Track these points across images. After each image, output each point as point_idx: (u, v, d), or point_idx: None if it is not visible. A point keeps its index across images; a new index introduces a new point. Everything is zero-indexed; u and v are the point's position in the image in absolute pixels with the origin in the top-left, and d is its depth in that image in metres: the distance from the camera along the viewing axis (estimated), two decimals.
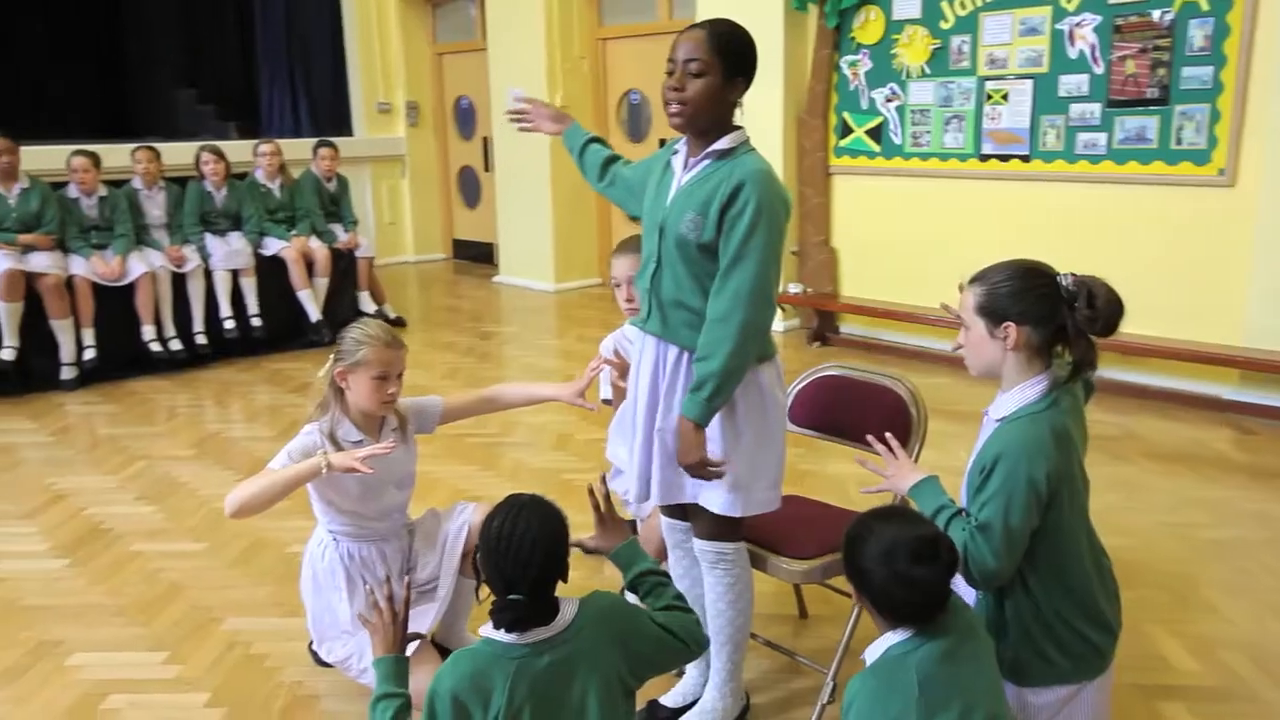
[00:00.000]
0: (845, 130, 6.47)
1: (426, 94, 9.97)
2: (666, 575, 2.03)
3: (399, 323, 7.14)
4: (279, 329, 6.36)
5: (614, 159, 2.55)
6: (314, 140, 7.10)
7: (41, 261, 5.48)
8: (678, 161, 2.24)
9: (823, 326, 6.50)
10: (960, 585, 1.99)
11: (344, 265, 6.73)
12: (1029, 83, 5.54)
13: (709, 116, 2.13)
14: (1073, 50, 5.35)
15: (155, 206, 6.08)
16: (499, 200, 9.02)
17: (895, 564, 1.67)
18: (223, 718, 2.55)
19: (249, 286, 6.27)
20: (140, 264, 5.80)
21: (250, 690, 2.66)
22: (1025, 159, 5.63)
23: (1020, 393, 1.96)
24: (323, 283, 6.56)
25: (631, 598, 2.03)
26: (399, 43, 9.74)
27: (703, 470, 2.15)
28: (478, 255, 9.95)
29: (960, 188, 5.94)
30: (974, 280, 2.00)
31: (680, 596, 2.00)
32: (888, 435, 2.14)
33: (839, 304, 6.41)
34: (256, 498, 2.34)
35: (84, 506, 3.92)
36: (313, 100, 9.69)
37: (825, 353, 6.24)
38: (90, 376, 5.64)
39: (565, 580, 1.80)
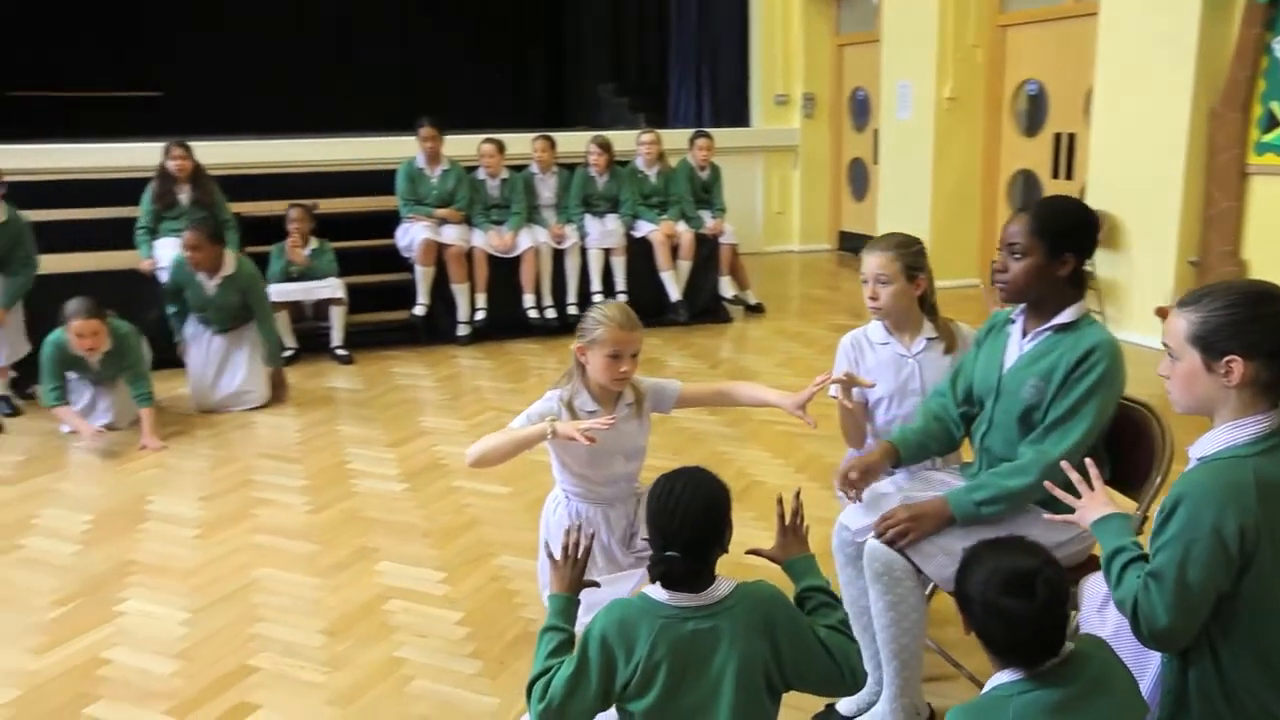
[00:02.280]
0: (1271, 123, 5.55)
1: (825, 86, 10.05)
2: (836, 598, 2.02)
3: (757, 309, 7.36)
4: (642, 305, 6.67)
5: (938, 416, 2.48)
6: (691, 130, 7.50)
7: (450, 233, 6.42)
8: (1015, 330, 2.33)
9: None
10: (1130, 644, 1.77)
11: (708, 250, 7.06)
12: None
13: (1035, 292, 2.23)
14: None
15: (547, 189, 6.85)
16: (880, 193, 8.90)
17: (989, 593, 1.57)
18: (465, 635, 2.93)
19: (619, 265, 6.83)
20: (528, 239, 6.58)
21: (494, 618, 3.02)
22: None
23: (1228, 431, 1.68)
24: (685, 265, 6.95)
25: None
26: (800, 36, 9.92)
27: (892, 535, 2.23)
28: (861, 247, 9.87)
29: None
30: (1186, 304, 1.73)
31: (846, 623, 1.97)
32: (1088, 463, 1.93)
33: None
34: (492, 451, 2.64)
35: (435, 443, 4.60)
36: (715, 93, 10.20)
37: None
38: (480, 335, 6.53)
39: (725, 550, 1.88)
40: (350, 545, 3.55)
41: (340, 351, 6.12)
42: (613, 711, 1.96)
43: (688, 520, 1.83)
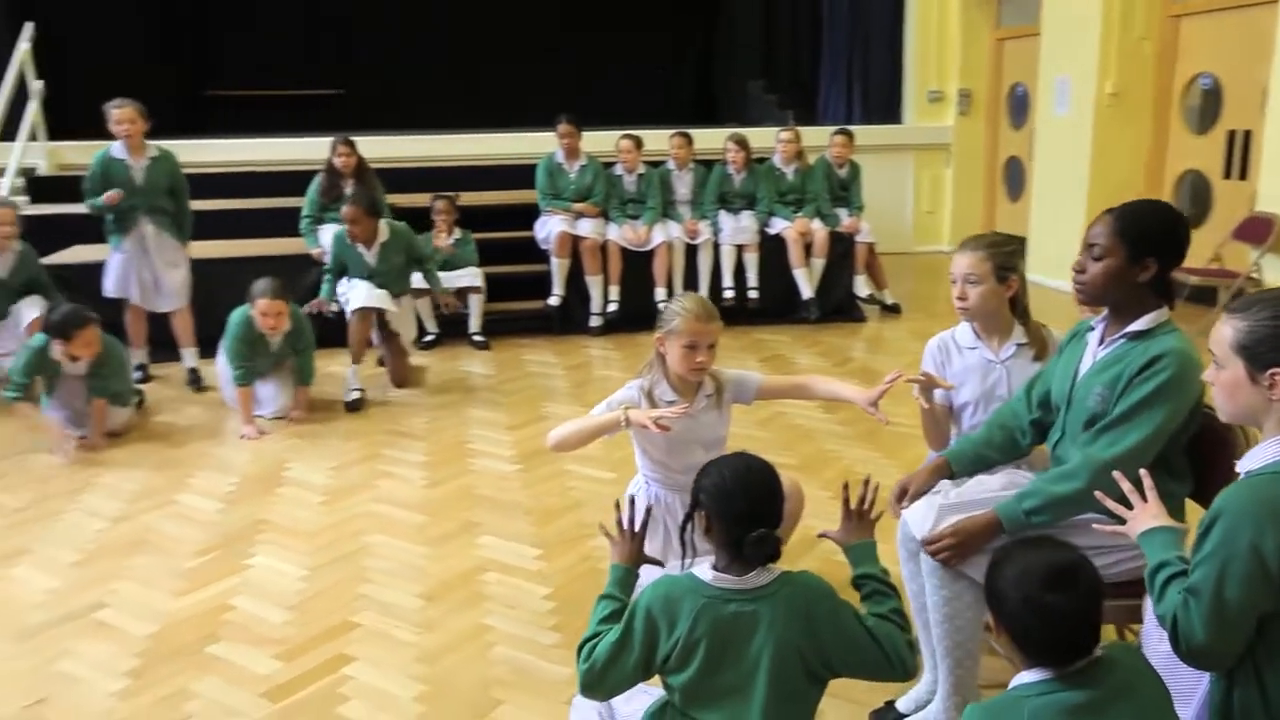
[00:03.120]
0: None
1: (982, 81, 9.72)
2: (891, 586, 2.04)
3: (894, 309, 7.23)
4: (773, 302, 6.87)
5: (1003, 424, 2.47)
6: (832, 128, 7.43)
7: (586, 227, 6.62)
8: (1093, 337, 2.28)
9: None
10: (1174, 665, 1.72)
11: (844, 248, 6.99)
12: None
13: (1112, 296, 2.17)
14: None
15: (683, 185, 6.95)
16: (1034, 193, 8.55)
17: (1028, 589, 1.54)
18: (550, 609, 3.08)
19: (751, 261, 6.86)
20: (661, 234, 6.70)
21: (580, 595, 3.15)
22: None
23: (1273, 446, 1.63)
24: (819, 263, 6.91)
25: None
26: (958, 30, 9.63)
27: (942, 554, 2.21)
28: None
29: None
30: (1235, 310, 1.67)
31: (899, 612, 2.00)
32: (1142, 473, 1.88)
33: None
34: (570, 436, 2.78)
35: (553, 429, 4.77)
36: (867, 89, 10.04)
37: None
38: (611, 326, 6.70)
39: (774, 526, 1.94)
40: (458, 519, 3.77)
41: (477, 338, 6.42)
42: (659, 686, 2.05)
43: (773, 499, 1.92)
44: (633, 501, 2.25)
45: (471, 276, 6.36)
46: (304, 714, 2.58)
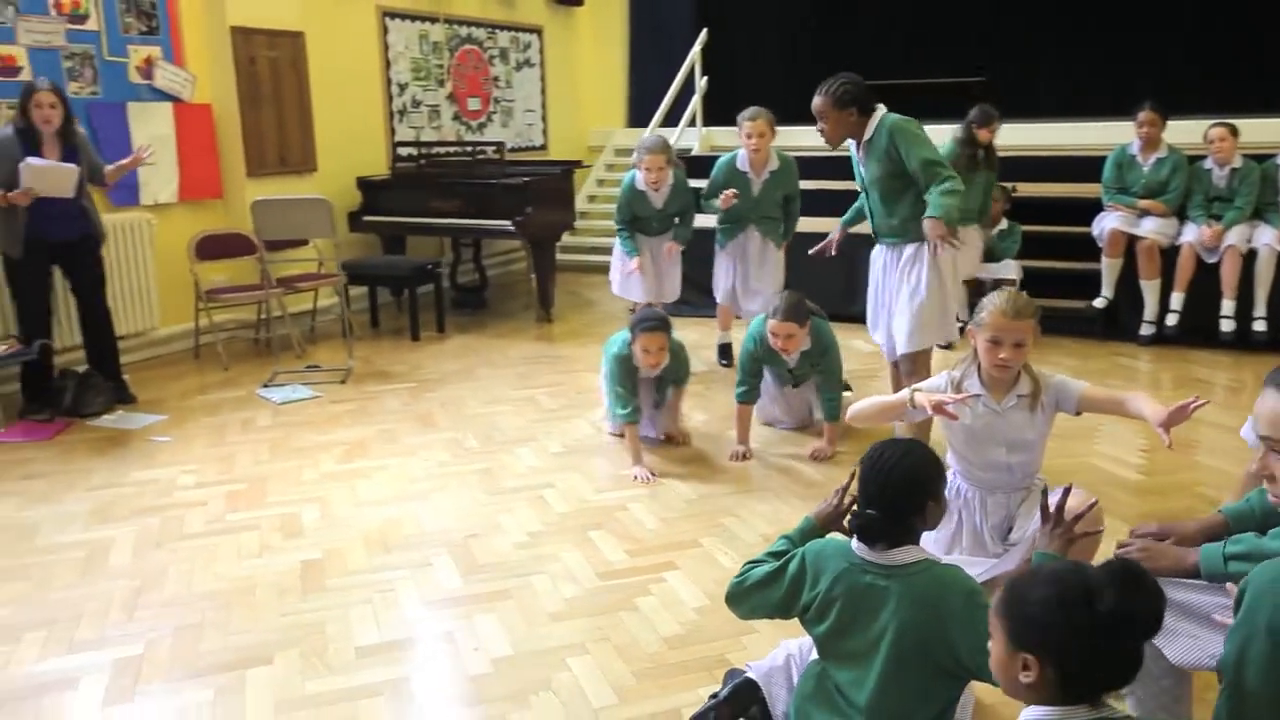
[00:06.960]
0: None
1: None
2: None
3: None
4: None
5: None
6: None
7: (1149, 225, 5.97)
8: None
9: None
10: None
11: None
12: None
13: None
14: None
15: None
16: None
17: (1077, 611, 1.36)
18: None
19: None
20: (1233, 236, 5.75)
21: None
22: None
23: None
24: None
25: None
26: None
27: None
28: None
29: None
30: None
31: None
32: None
33: None
34: (864, 411, 2.90)
35: None
36: None
37: None
38: (1164, 338, 5.97)
39: (926, 524, 2.03)
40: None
41: None
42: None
43: (888, 485, 2.01)
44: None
45: (1008, 269, 6.21)
46: (614, 592, 3.16)
